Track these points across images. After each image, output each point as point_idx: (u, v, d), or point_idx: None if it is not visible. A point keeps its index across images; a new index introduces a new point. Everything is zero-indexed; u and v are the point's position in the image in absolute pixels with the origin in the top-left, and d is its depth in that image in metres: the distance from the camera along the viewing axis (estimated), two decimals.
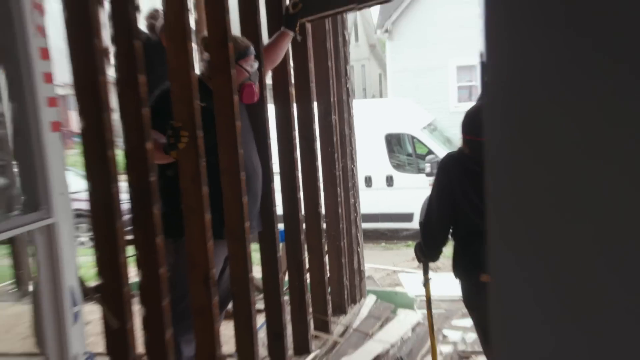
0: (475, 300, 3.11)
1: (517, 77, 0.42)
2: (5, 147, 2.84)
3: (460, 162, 3.10)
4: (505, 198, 0.44)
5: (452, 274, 3.29)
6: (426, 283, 3.52)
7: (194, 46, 3.33)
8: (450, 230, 3.17)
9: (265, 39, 3.85)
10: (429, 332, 3.65)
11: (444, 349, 4.57)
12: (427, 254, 3.28)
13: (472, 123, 3.07)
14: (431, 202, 3.16)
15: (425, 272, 3.50)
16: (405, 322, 4.84)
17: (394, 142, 10.41)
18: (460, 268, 3.13)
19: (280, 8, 3.95)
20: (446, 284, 5.90)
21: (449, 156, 3.22)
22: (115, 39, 2.69)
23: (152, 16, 4.22)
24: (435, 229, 3.16)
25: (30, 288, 5.52)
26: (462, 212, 3.05)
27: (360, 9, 4.27)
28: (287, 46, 3.90)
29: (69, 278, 2.22)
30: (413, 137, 10.25)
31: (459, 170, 3.08)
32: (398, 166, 10.19)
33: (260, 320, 3.98)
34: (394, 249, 9.52)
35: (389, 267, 7.79)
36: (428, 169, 9.74)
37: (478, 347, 4.50)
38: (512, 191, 0.43)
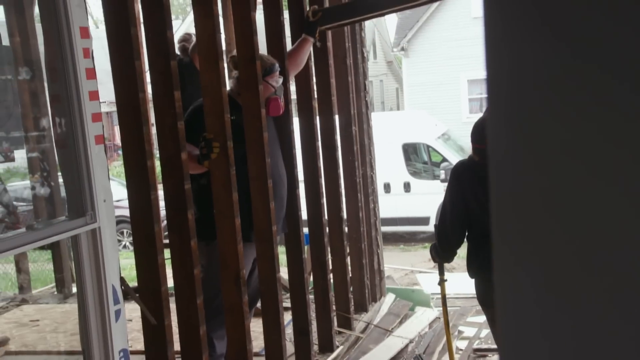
0: (488, 298, 3.08)
1: (516, 82, 0.42)
2: (49, 159, 2.90)
3: (471, 169, 3.09)
4: (506, 202, 0.43)
5: (466, 274, 3.27)
6: (441, 282, 3.48)
7: (224, 64, 3.36)
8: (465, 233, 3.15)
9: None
10: (445, 328, 3.62)
11: (459, 344, 4.53)
12: (442, 256, 3.25)
13: (480, 132, 3.06)
14: (445, 207, 3.13)
15: (441, 272, 3.47)
16: (423, 318, 4.80)
17: (411, 151, 10.38)
18: (474, 268, 3.10)
19: (302, 16, 3.97)
20: (461, 282, 5.85)
21: (460, 163, 3.22)
22: (153, 59, 2.73)
23: (185, 39, 4.26)
24: (449, 232, 3.13)
25: (73, 290, 5.59)
26: (474, 215, 3.03)
27: (375, 17, 4.27)
28: (309, 51, 3.92)
29: (111, 278, 2.24)
30: (428, 146, 10.22)
31: (470, 176, 3.07)
32: (415, 173, 10.15)
33: (287, 317, 3.98)
34: (411, 251, 9.47)
35: (407, 267, 7.76)
36: (443, 176, 9.70)
37: (493, 343, 4.45)
38: (513, 196, 0.43)
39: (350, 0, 4.65)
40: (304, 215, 3.87)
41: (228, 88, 3.40)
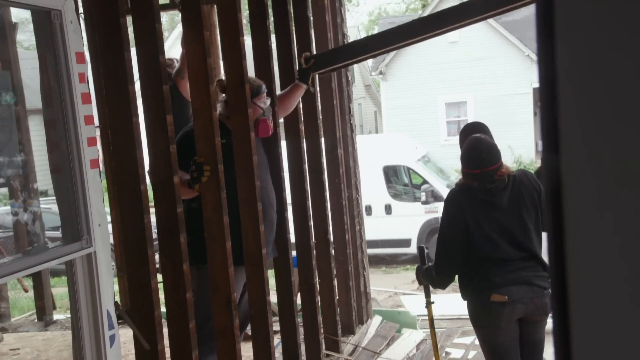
0: (484, 318, 3.08)
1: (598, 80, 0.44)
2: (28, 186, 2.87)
3: (469, 194, 3.07)
4: (588, 200, 0.45)
5: (451, 295, 3.28)
6: (429, 305, 3.47)
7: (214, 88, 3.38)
8: None
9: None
10: (433, 350, 3.62)
11: None
12: (438, 283, 3.22)
13: (475, 157, 3.04)
14: (443, 236, 3.11)
15: (427, 295, 3.46)
16: (410, 340, 4.81)
17: (391, 174, 10.46)
18: (469, 290, 3.09)
19: (289, 40, 4.01)
20: (446, 304, 5.88)
21: (457, 189, 3.18)
22: (145, 84, 2.74)
23: (167, 65, 4.30)
24: (449, 261, 3.09)
25: (55, 317, 5.50)
26: (474, 239, 3.01)
27: (365, 59, 4.35)
28: (300, 96, 3.95)
29: (106, 303, 2.23)
30: (409, 169, 10.30)
31: (469, 201, 3.06)
32: (395, 195, 10.22)
33: (276, 340, 3.96)
34: (393, 273, 9.49)
35: (390, 289, 7.77)
36: (423, 198, 9.78)
37: None
38: (595, 193, 0.45)
39: (340, 45, 4.75)
40: (292, 238, 3.88)
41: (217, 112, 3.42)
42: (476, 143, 3.09)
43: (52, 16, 2.02)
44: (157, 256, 2.91)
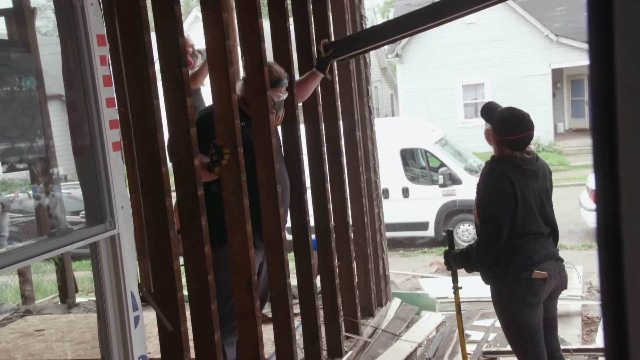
0: (526, 297, 2.99)
1: None
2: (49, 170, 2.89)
3: (514, 165, 3.01)
4: None
5: (468, 278, 3.24)
6: (456, 290, 3.42)
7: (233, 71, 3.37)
8: None
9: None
10: (459, 335, 3.60)
11: (467, 347, 4.54)
12: (480, 264, 3.08)
13: (523, 118, 3.06)
14: (491, 213, 2.99)
15: (455, 280, 3.41)
16: (430, 322, 4.81)
17: (408, 157, 10.42)
18: (509, 270, 2.99)
19: (308, 23, 3.98)
20: (464, 286, 5.86)
21: (499, 164, 3.06)
22: (165, 67, 2.74)
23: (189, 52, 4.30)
24: (497, 239, 2.97)
25: (77, 300, 5.58)
26: (518, 214, 2.96)
27: (382, 45, 4.30)
28: (317, 84, 3.92)
29: (130, 284, 2.25)
30: (426, 152, 10.26)
31: (516, 173, 2.99)
32: (413, 178, 10.19)
33: (295, 323, 3.98)
34: (411, 256, 9.49)
35: (408, 272, 7.77)
36: (441, 181, 9.74)
37: (501, 347, 4.47)
38: None
39: (358, 31, 4.70)
40: (312, 221, 3.88)
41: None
42: (514, 110, 3.14)
43: None
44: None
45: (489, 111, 3.17)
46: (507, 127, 3.06)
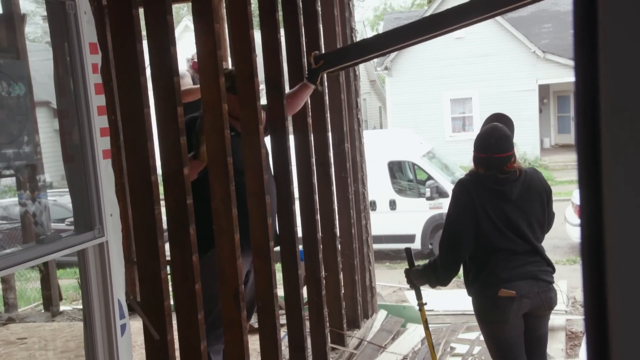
0: (492, 314, 3.05)
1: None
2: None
3: (479, 182, 3.05)
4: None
5: (454, 291, 3.27)
6: (421, 307, 3.45)
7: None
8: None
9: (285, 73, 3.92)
10: (430, 351, 3.60)
11: None
12: (443, 278, 3.13)
13: (487, 140, 3.04)
14: (451, 225, 3.05)
15: (419, 297, 3.44)
16: (415, 335, 4.83)
17: (396, 169, 10.47)
18: (476, 285, 3.06)
19: (300, 51, 4.01)
20: (450, 299, 5.90)
21: (467, 178, 3.14)
22: (156, 76, 2.75)
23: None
24: (457, 251, 3.03)
25: (61, 308, 5.53)
26: (481, 229, 3.00)
27: (372, 58, 4.34)
28: (308, 96, 3.94)
29: (117, 292, 2.25)
30: (414, 164, 10.32)
31: (479, 190, 3.03)
32: (400, 191, 10.24)
33: (282, 333, 3.98)
34: (397, 268, 9.50)
35: (394, 284, 7.79)
36: (428, 193, 9.80)
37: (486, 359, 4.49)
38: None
39: (349, 44, 4.75)
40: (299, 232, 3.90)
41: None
42: (489, 129, 3.11)
43: (67, 7, 2.03)
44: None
45: (485, 122, 3.23)
46: (476, 142, 3.09)
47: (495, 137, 3.04)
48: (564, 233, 9.48)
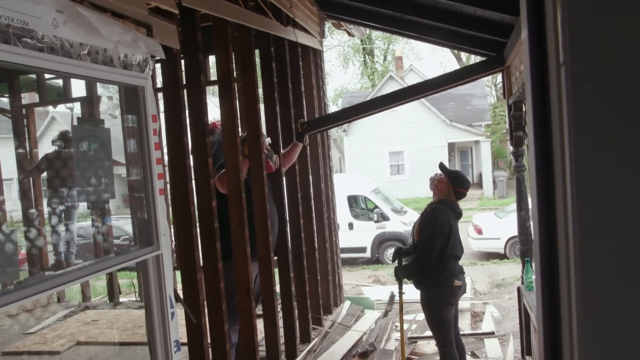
0: (449, 298, 3.09)
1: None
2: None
3: (451, 209, 3.15)
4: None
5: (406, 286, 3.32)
6: (400, 295, 3.49)
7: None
8: None
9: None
10: (400, 327, 3.57)
11: (396, 334, 4.55)
12: (418, 274, 3.15)
13: (467, 182, 3.20)
14: (432, 240, 3.05)
15: (401, 287, 3.46)
16: (370, 317, 4.81)
17: (353, 201, 10.54)
18: (439, 279, 3.08)
19: (290, 119, 4.08)
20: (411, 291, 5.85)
21: (442, 205, 3.16)
22: (194, 136, 2.78)
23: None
24: (431, 259, 3.08)
25: (121, 299, 5.40)
26: (450, 242, 3.08)
27: (345, 123, 4.45)
28: (298, 152, 4.01)
29: (168, 290, 2.23)
30: (365, 197, 10.41)
31: (451, 214, 3.13)
32: (356, 216, 10.28)
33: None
34: (354, 271, 9.46)
35: (353, 282, 7.76)
36: (375, 218, 9.88)
37: (420, 333, 4.50)
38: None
39: (324, 115, 4.88)
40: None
41: None
42: (463, 175, 3.29)
43: (138, 90, 2.07)
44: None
45: (443, 167, 3.31)
46: (462, 182, 3.20)
47: (468, 181, 3.26)
48: (467, 244, 9.62)
